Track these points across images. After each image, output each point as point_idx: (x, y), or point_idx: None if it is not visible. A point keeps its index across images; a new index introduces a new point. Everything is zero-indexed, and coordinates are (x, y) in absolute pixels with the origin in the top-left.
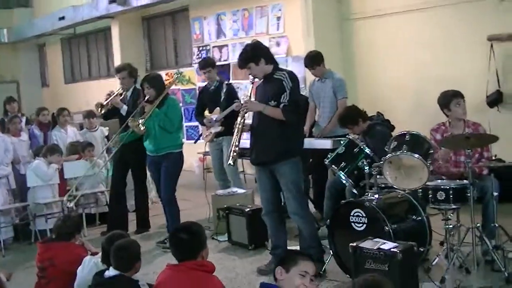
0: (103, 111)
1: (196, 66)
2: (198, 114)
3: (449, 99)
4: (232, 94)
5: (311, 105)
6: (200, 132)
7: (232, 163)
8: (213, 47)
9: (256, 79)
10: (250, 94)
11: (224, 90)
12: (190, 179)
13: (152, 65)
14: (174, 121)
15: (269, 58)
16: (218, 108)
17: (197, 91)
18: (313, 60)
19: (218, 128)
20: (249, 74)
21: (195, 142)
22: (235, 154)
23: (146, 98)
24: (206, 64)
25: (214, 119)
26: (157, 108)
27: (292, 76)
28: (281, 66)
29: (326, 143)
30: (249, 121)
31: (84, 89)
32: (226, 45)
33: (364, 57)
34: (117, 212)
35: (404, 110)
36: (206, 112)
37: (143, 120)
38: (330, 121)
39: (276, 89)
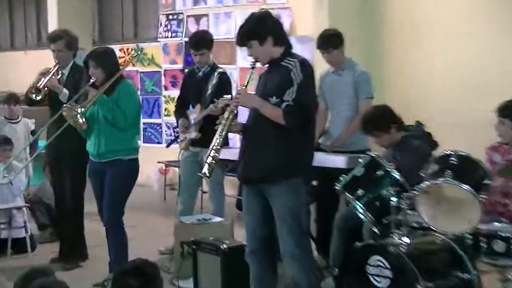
0: (39, 98)
1: (162, 41)
2: (179, 108)
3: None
4: (223, 88)
5: (321, 106)
6: (177, 134)
7: (207, 174)
8: (188, 16)
9: (258, 64)
10: (247, 82)
11: (214, 81)
12: (145, 198)
13: (101, 37)
14: (128, 114)
15: (279, 37)
16: (198, 105)
17: (163, 75)
18: (330, 41)
19: (193, 135)
20: (249, 55)
21: (167, 146)
22: (213, 161)
23: (90, 80)
24: (200, 43)
25: (192, 120)
26: (104, 95)
27: (305, 66)
28: None
29: (339, 161)
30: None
31: (4, 63)
32: (206, 15)
33: (396, 42)
34: (69, 230)
35: (450, 120)
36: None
37: (83, 109)
38: (348, 129)
39: (281, 82)
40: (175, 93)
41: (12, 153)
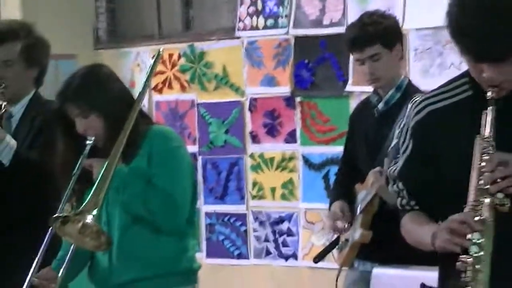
0: None
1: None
2: (341, 182)
3: None
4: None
5: None
6: (337, 240)
7: None
8: None
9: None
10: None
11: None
12: None
13: (112, 33)
14: (176, 196)
15: None
16: (372, 173)
17: (247, 109)
18: None
19: (357, 234)
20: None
21: (316, 261)
22: None
23: (87, 143)
24: (371, 31)
25: (359, 205)
26: (124, 165)
27: None
28: None
29: None
30: None
31: None
32: None
33: None
34: None
35: None
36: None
37: (95, 211)
38: None
39: None
40: (270, 147)
41: None
